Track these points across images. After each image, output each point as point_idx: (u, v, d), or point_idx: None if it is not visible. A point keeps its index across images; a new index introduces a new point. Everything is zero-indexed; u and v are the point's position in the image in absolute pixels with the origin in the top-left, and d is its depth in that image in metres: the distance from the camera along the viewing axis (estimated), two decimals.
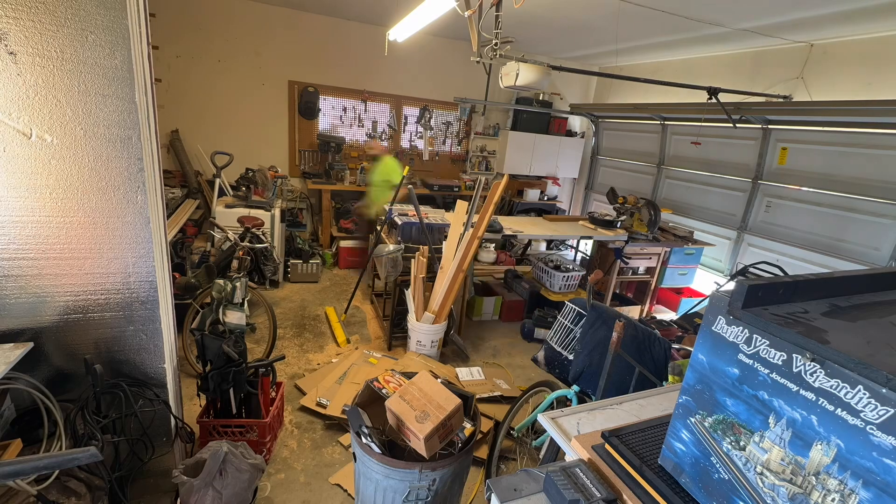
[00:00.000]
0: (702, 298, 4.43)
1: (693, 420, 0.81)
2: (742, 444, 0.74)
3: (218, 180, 4.34)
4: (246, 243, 3.45)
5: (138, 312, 1.77)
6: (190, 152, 5.15)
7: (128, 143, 1.56)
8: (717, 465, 0.77)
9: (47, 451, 1.62)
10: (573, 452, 0.93)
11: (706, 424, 0.79)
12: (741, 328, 0.73)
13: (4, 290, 1.58)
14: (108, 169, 1.56)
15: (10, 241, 1.53)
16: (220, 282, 2.73)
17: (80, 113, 1.48)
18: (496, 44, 2.73)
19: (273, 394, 2.44)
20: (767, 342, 0.69)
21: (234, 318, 2.72)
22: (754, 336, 0.71)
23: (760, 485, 0.72)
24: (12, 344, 1.57)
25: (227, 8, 4.97)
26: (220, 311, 2.71)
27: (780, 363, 0.68)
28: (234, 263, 3.24)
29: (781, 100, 4.23)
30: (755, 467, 0.72)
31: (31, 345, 1.59)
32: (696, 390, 0.80)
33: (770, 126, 4.36)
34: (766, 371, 0.70)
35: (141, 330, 1.80)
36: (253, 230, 3.62)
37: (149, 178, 1.63)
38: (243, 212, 4.11)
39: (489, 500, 0.86)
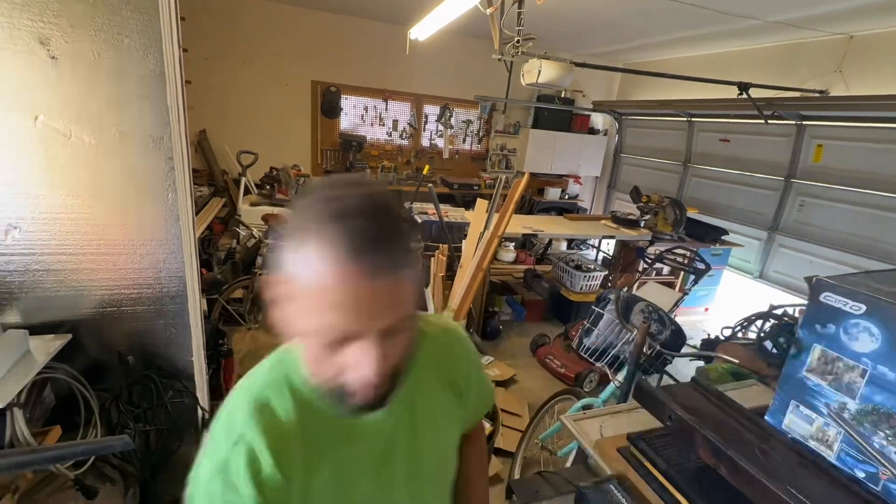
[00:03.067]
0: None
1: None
2: None
3: (244, 179, 4.45)
4: (270, 240, 3.52)
5: (168, 307, 1.83)
6: (217, 151, 5.29)
7: (160, 144, 1.61)
8: None
9: (84, 437, 1.69)
10: (596, 457, 0.92)
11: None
12: None
13: (45, 284, 1.65)
14: (141, 168, 1.62)
15: (51, 237, 1.60)
16: None
17: (115, 114, 1.54)
18: (518, 41, 2.70)
19: None
20: None
21: None
22: None
23: None
24: (53, 335, 1.65)
25: (253, 10, 5.08)
26: None
27: None
28: (259, 260, 3.32)
29: (817, 94, 4.06)
30: None
31: (69, 336, 1.67)
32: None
33: (805, 122, 4.18)
34: None
35: (170, 324, 1.85)
36: (277, 227, 3.69)
37: (179, 177, 1.68)
38: (267, 209, 4.20)
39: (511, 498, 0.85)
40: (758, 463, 0.72)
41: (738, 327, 3.35)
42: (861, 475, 0.73)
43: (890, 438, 0.69)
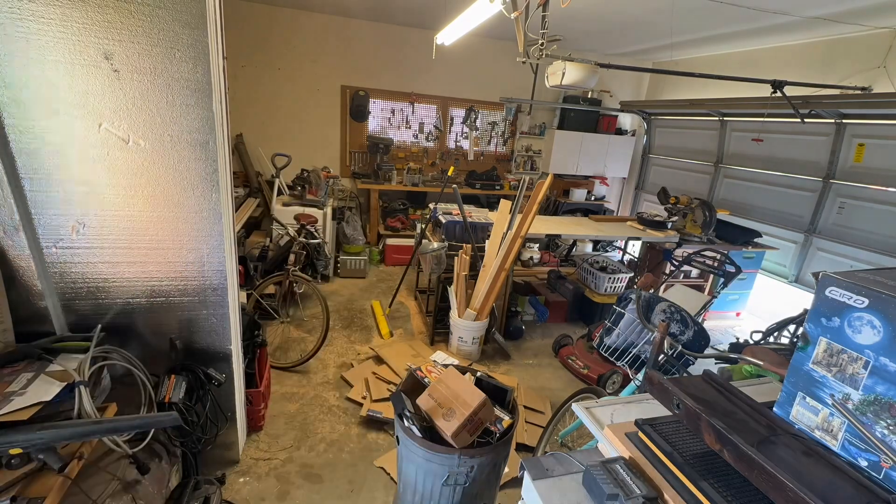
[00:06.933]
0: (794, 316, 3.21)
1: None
2: None
3: (277, 180, 4.66)
4: (301, 239, 3.69)
5: (210, 298, 1.97)
6: (251, 154, 5.55)
7: (205, 147, 1.75)
8: None
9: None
10: (605, 440, 0.97)
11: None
12: None
13: (104, 275, 1.83)
14: (188, 170, 1.77)
15: (110, 231, 1.77)
16: None
17: (167, 121, 1.69)
18: (542, 44, 2.73)
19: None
20: None
21: None
22: None
23: None
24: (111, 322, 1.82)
25: (286, 19, 5.31)
26: None
27: None
28: (291, 257, 3.48)
29: (858, 91, 3.89)
30: None
31: (127, 323, 1.83)
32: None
33: (845, 121, 4.02)
34: None
35: (212, 314, 2.00)
36: (308, 227, 3.85)
37: (221, 178, 1.82)
38: (299, 210, 4.38)
39: (522, 477, 0.92)
40: (760, 448, 0.76)
41: (770, 332, 3.26)
42: (864, 464, 0.75)
43: (891, 428, 0.71)
